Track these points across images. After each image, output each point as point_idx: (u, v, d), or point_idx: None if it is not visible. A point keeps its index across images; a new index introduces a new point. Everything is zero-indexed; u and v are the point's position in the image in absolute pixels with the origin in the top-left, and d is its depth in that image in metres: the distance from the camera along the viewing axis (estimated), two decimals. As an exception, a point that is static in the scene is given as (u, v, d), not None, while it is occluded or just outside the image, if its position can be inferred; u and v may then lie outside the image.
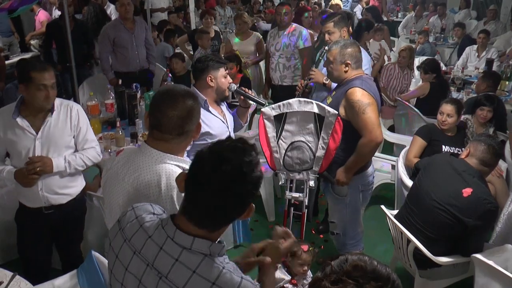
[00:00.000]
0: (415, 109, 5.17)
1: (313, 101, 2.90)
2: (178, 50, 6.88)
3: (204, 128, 2.45)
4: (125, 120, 4.46)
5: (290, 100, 2.93)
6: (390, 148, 5.25)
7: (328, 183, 3.08)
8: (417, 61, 7.15)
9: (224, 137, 2.85)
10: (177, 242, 1.32)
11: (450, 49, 8.45)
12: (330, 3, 7.30)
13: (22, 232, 3.03)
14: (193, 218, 1.32)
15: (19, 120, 2.70)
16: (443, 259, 2.95)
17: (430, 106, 4.89)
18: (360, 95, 2.85)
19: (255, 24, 8.67)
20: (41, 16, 7.76)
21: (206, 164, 1.29)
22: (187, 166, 1.59)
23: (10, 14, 3.67)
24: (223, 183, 1.27)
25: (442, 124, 3.93)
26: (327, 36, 3.76)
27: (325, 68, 3.23)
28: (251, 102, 3.08)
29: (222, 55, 5.64)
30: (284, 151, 3.00)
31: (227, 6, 10.83)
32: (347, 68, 2.96)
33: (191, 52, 6.98)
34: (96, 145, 2.97)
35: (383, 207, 3.18)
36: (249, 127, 4.96)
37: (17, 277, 2.43)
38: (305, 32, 5.13)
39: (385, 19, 9.41)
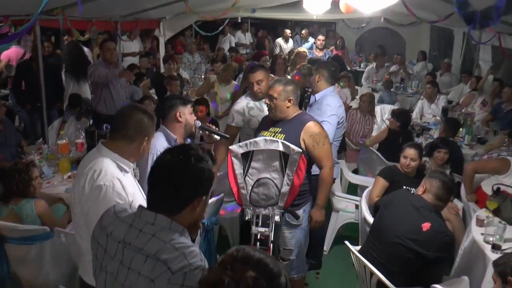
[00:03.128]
0: (378, 153, 5.40)
1: (279, 140, 3.04)
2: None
3: None
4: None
5: (257, 139, 3.08)
6: (354, 190, 5.43)
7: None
8: (379, 109, 7.53)
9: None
10: (143, 219, 1.58)
11: (409, 98, 8.89)
12: (296, 50, 7.64)
13: None
14: (151, 204, 1.61)
15: None
16: (405, 292, 3.06)
17: (389, 151, 5.16)
18: (318, 129, 3.25)
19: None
20: (11, 51, 7.48)
21: (158, 158, 1.63)
22: (122, 164, 2.16)
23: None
24: (168, 170, 1.57)
25: (406, 168, 4.12)
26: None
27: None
28: (216, 136, 3.22)
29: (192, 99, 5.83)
30: (250, 187, 3.10)
31: (196, 53, 11.14)
32: (289, 104, 3.29)
33: (155, 96, 7.05)
34: None
35: (347, 242, 3.29)
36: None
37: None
38: None
39: (348, 68, 9.85)
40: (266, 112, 3.61)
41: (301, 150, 3.00)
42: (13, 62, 7.26)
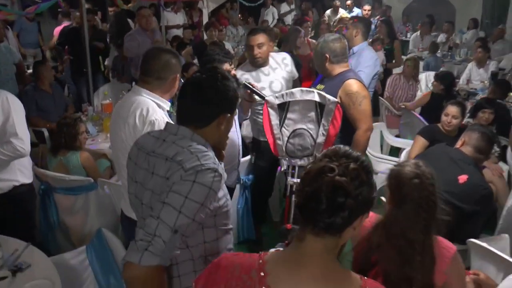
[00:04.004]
0: (420, 117, 5.28)
1: (314, 90, 3.03)
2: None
3: None
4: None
5: (293, 90, 3.07)
6: (395, 154, 5.34)
7: None
8: (423, 76, 7.31)
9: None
10: (167, 131, 1.72)
11: (457, 65, 8.57)
12: (339, 16, 7.50)
13: None
14: (180, 117, 1.73)
15: None
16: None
17: (431, 115, 5.01)
18: (358, 87, 3.13)
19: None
20: (62, 27, 7.73)
21: (192, 75, 1.78)
22: (160, 102, 2.34)
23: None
24: (196, 86, 1.69)
25: (447, 125, 4.01)
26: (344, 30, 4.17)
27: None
28: (256, 96, 3.22)
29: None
30: (286, 138, 3.11)
31: (239, 26, 11.15)
32: (326, 61, 3.24)
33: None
34: (15, 139, 2.78)
35: (382, 198, 3.26)
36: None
37: (31, 246, 2.56)
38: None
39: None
40: (264, 83, 3.53)
41: (336, 100, 2.98)
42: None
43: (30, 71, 6.48)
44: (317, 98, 3.01)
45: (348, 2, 11.51)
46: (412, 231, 1.83)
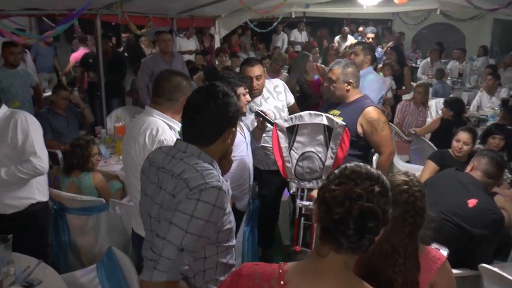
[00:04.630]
0: (430, 143, 5.29)
1: (323, 114, 3.08)
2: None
3: None
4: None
5: (302, 113, 3.13)
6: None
7: None
8: (433, 102, 7.34)
9: (241, 147, 3.14)
10: (177, 147, 1.78)
11: (467, 92, 8.59)
12: (349, 43, 7.61)
13: None
14: (186, 138, 1.77)
15: None
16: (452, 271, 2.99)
17: (441, 141, 5.02)
18: (378, 114, 3.19)
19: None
20: (79, 53, 7.88)
21: (191, 95, 1.81)
22: (171, 123, 2.42)
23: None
24: (198, 104, 1.73)
25: (458, 151, 4.01)
26: (352, 56, 4.49)
27: None
28: (268, 124, 3.24)
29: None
30: (295, 161, 3.16)
31: (250, 52, 11.33)
32: (349, 87, 3.24)
33: None
34: (34, 157, 2.87)
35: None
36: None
37: (42, 264, 2.60)
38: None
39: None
40: (264, 108, 3.49)
41: (344, 124, 3.02)
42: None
43: (45, 94, 6.66)
44: (325, 122, 3.06)
45: (360, 29, 11.71)
46: (397, 236, 1.84)
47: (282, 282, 1.30)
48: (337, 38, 11.44)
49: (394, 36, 12.14)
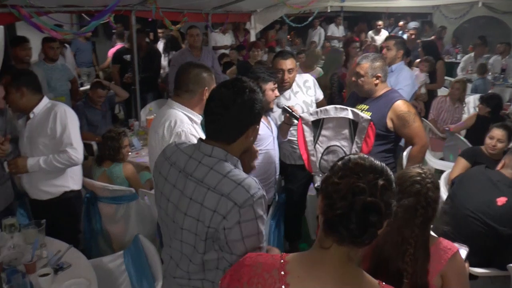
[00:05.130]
0: (465, 140, 5.15)
1: (348, 108, 3.06)
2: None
3: None
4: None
5: (327, 107, 3.11)
6: (439, 176, 5.23)
7: None
8: (472, 99, 7.12)
9: (268, 140, 3.15)
10: (201, 151, 1.69)
11: (510, 88, 8.28)
12: (384, 37, 7.48)
13: None
14: (209, 134, 1.71)
15: (20, 120, 3.21)
16: (479, 270, 2.93)
17: (477, 138, 4.87)
18: (407, 106, 3.15)
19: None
20: (116, 48, 8.13)
21: (215, 88, 1.74)
22: (191, 115, 2.43)
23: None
24: (224, 101, 1.64)
25: (491, 149, 3.89)
26: (384, 51, 4.38)
27: None
28: (295, 120, 3.25)
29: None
30: (320, 155, 3.15)
31: (287, 47, 11.30)
32: (377, 81, 3.21)
33: None
34: (70, 148, 3.04)
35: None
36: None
37: (72, 249, 2.73)
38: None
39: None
40: (293, 102, 3.57)
41: (369, 118, 2.99)
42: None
43: (83, 88, 6.89)
44: (350, 116, 3.03)
45: (401, 23, 11.44)
46: (409, 226, 1.86)
47: (282, 272, 1.31)
48: (370, 32, 11.26)
49: (434, 30, 11.83)
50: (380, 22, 11.24)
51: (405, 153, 4.26)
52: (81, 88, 6.76)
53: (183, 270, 1.69)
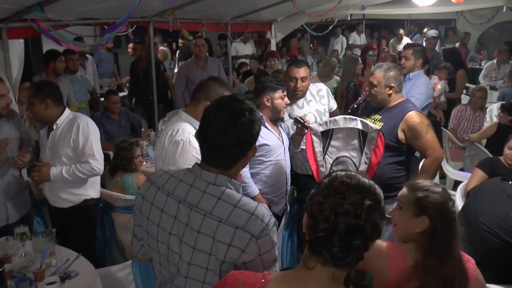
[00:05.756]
0: (485, 150, 5.03)
1: (357, 118, 3.03)
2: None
3: (260, 141, 2.60)
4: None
5: (336, 117, 3.09)
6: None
7: None
8: (495, 106, 6.94)
9: (279, 151, 3.14)
10: (204, 179, 1.59)
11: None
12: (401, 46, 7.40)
13: None
14: (207, 159, 1.61)
15: (42, 131, 3.31)
16: (495, 287, 2.84)
17: (498, 148, 4.74)
18: (420, 117, 3.08)
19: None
20: None
21: (210, 111, 1.59)
22: (196, 126, 2.28)
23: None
24: (222, 125, 1.54)
25: (510, 159, 3.77)
26: (402, 61, 4.37)
27: None
28: (306, 130, 3.21)
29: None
30: (329, 166, 3.12)
31: (309, 56, 11.29)
32: (391, 91, 3.16)
33: None
34: (92, 159, 3.13)
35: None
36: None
37: (81, 257, 2.77)
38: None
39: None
40: (306, 110, 3.56)
41: (379, 128, 2.95)
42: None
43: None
44: (360, 126, 3.00)
45: (401, 31, 11.28)
46: (450, 255, 1.85)
47: None
48: (391, 40, 11.15)
49: (458, 36, 11.63)
50: (401, 31, 11.11)
51: (421, 164, 4.18)
52: (103, 99, 6.89)
53: None
